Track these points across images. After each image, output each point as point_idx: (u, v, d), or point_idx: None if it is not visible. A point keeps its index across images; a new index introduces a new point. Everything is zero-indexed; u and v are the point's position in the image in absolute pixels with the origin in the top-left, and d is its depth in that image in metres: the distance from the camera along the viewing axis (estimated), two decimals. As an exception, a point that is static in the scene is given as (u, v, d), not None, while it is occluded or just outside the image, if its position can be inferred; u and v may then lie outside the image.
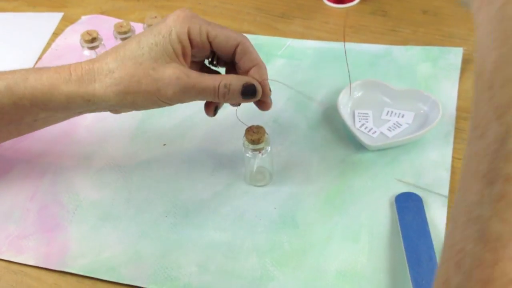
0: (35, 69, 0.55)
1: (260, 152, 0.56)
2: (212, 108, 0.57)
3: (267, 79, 0.54)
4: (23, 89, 0.53)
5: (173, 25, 0.51)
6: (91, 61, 0.54)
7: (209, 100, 0.54)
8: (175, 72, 0.51)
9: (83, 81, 0.52)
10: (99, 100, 0.52)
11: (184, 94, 0.52)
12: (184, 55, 0.52)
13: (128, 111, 0.56)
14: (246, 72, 0.54)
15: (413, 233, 0.53)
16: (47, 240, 0.57)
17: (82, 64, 0.53)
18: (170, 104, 0.53)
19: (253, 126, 0.56)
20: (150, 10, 0.85)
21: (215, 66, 0.57)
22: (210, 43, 0.53)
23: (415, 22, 0.78)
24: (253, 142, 0.56)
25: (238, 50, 0.53)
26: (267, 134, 0.57)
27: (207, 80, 0.52)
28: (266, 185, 0.60)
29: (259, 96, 0.53)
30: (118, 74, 0.51)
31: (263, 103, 0.56)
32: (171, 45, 0.51)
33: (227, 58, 0.55)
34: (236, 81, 0.53)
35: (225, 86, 0.52)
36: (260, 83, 0.53)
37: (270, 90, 0.55)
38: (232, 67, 0.56)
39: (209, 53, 0.55)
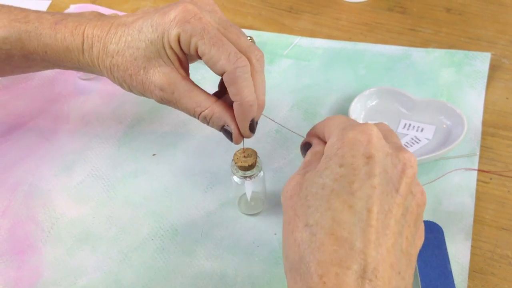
0: (50, 22, 0.51)
1: (250, 179, 0.49)
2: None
3: (248, 120, 0.46)
4: (36, 46, 0.51)
5: (167, 28, 0.45)
6: (103, 28, 0.49)
7: None
8: (161, 81, 0.46)
9: (91, 52, 0.50)
10: (102, 74, 0.50)
11: (166, 104, 0.48)
12: (179, 60, 0.47)
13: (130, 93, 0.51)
14: (232, 103, 0.47)
15: (432, 271, 0.47)
16: (17, 263, 0.51)
17: (95, 30, 0.49)
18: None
19: (242, 149, 0.49)
20: (145, 0, 0.77)
21: None
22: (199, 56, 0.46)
23: (437, 21, 0.70)
24: (242, 168, 0.49)
25: (224, 78, 0.45)
26: (259, 157, 0.49)
27: (190, 102, 0.47)
28: (259, 213, 0.53)
29: (236, 142, 0.48)
30: (116, 60, 0.48)
31: None
32: (165, 49, 0.46)
33: None
34: (217, 118, 0.47)
35: (205, 117, 0.47)
36: (238, 126, 0.47)
37: (253, 131, 0.48)
38: None
39: None
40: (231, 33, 0.46)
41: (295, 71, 0.66)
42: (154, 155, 0.59)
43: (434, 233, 0.49)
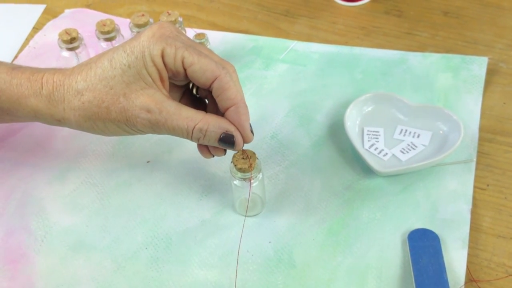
0: (7, 68, 0.50)
1: (249, 181, 0.49)
2: (205, 148, 0.49)
3: (248, 120, 0.46)
4: None
5: (146, 45, 0.44)
6: (65, 72, 0.48)
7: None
8: (147, 102, 0.45)
9: (53, 98, 0.47)
10: (69, 123, 0.47)
11: (153, 129, 0.46)
12: (161, 79, 0.45)
13: (102, 135, 0.49)
14: (224, 111, 0.46)
15: (428, 280, 0.46)
16: (10, 273, 0.50)
17: (55, 76, 0.48)
18: (142, 133, 0.47)
19: (241, 151, 0.49)
20: (141, 4, 0.77)
21: (197, 94, 0.50)
22: (185, 70, 0.45)
23: (434, 24, 0.70)
24: (242, 170, 0.48)
25: (215, 85, 0.45)
26: (258, 159, 0.49)
27: (181, 118, 0.45)
28: (257, 214, 0.53)
29: (238, 148, 0.47)
30: (86, 97, 0.46)
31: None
32: (146, 69, 0.44)
33: (206, 90, 0.47)
34: (214, 127, 0.45)
35: (200, 130, 0.45)
36: (239, 130, 0.46)
37: (252, 133, 0.47)
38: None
39: (188, 80, 0.48)
40: (203, 49, 0.46)
41: (291, 75, 0.65)
42: (148, 162, 0.58)
43: (430, 241, 0.49)
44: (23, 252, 0.52)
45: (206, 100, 0.50)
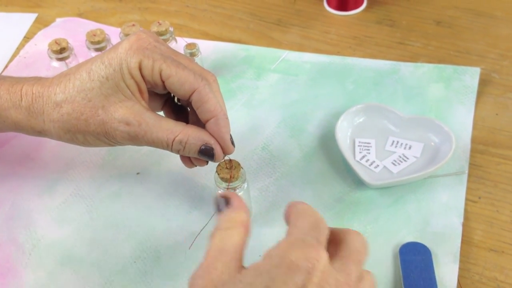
0: None
1: (234, 191, 0.49)
2: (187, 159, 0.49)
3: (228, 132, 0.46)
4: None
5: (124, 58, 0.44)
6: (44, 83, 0.48)
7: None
8: (125, 115, 0.44)
9: (33, 110, 0.47)
10: (50, 134, 0.47)
11: (133, 142, 0.46)
12: (140, 91, 0.45)
13: (83, 146, 0.49)
14: (204, 122, 0.46)
15: (419, 295, 0.46)
16: (-4, 287, 0.50)
17: (34, 87, 0.47)
18: (122, 145, 0.47)
19: (225, 160, 0.48)
20: (133, 13, 0.76)
21: (179, 102, 0.50)
22: (163, 82, 0.45)
23: (426, 34, 0.70)
24: (225, 180, 0.48)
25: (194, 97, 0.45)
26: (243, 168, 0.49)
27: (161, 130, 0.45)
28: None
29: (218, 160, 0.47)
30: (65, 109, 0.45)
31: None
32: (124, 81, 0.44)
33: (185, 101, 0.47)
34: (194, 139, 0.45)
35: (180, 142, 0.45)
36: (219, 142, 0.46)
37: (233, 145, 0.47)
38: None
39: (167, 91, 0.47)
40: (183, 59, 0.46)
41: (282, 86, 0.65)
42: (138, 174, 0.58)
43: (421, 255, 0.48)
44: (10, 266, 0.51)
45: (188, 108, 0.50)
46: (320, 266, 0.31)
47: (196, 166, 0.49)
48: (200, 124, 0.47)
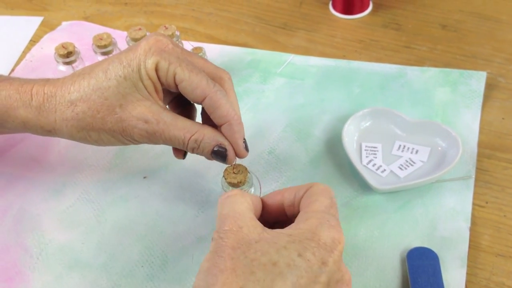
0: None
1: None
2: (181, 152, 0.50)
3: (242, 137, 0.47)
4: None
5: (143, 59, 0.45)
6: (55, 83, 0.48)
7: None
8: (144, 113, 0.45)
9: (44, 109, 0.47)
10: (60, 133, 0.48)
11: (150, 139, 0.47)
12: (156, 91, 0.46)
13: (95, 145, 0.49)
14: (219, 126, 0.47)
15: (427, 300, 0.46)
16: (5, 291, 0.50)
17: (45, 87, 0.48)
18: (137, 143, 0.48)
19: (233, 165, 0.49)
20: (139, 17, 0.77)
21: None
22: (176, 85, 0.46)
23: (432, 38, 0.70)
24: (232, 184, 0.48)
25: (206, 103, 0.46)
26: (250, 173, 0.49)
27: (178, 129, 0.46)
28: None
29: (230, 162, 0.47)
30: (80, 108, 0.46)
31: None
32: (142, 82, 0.45)
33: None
34: (209, 139, 0.46)
35: (195, 141, 0.46)
36: (233, 146, 0.47)
37: (247, 150, 0.48)
38: None
39: None
40: (198, 60, 0.47)
41: (288, 89, 0.65)
42: (145, 177, 0.58)
43: (429, 260, 0.48)
44: (18, 270, 0.51)
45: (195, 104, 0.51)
46: (340, 247, 0.38)
47: (184, 158, 0.51)
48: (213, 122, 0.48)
